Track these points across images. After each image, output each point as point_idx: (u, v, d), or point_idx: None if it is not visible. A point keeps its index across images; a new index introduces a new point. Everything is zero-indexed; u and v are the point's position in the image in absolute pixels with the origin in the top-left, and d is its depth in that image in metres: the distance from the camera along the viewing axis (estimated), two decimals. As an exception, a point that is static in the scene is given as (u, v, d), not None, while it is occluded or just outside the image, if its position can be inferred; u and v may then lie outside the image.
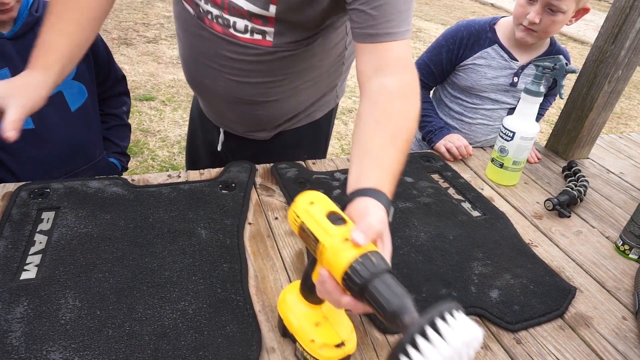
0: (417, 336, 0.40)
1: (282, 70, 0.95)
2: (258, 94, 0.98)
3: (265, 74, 0.94)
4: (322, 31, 0.91)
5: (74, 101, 1.06)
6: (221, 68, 0.94)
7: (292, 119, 1.08)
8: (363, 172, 0.61)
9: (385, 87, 0.71)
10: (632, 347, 0.71)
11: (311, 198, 0.54)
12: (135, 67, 3.49)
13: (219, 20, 0.87)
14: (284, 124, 1.09)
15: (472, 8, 7.98)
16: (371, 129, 0.67)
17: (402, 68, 0.74)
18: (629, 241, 0.91)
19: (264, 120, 1.06)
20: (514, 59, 1.26)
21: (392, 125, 0.67)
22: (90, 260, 0.72)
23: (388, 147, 0.64)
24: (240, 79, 0.94)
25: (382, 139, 0.65)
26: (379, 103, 0.69)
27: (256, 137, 1.11)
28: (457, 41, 1.28)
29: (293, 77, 0.97)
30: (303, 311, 0.59)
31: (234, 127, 1.11)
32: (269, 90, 0.97)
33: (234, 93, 0.98)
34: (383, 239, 0.53)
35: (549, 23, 1.15)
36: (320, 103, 1.10)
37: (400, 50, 0.75)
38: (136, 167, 2.41)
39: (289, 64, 0.94)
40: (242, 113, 1.04)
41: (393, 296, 0.44)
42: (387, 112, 0.68)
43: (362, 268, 0.45)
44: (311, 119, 1.11)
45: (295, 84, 0.99)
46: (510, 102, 1.30)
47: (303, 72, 0.98)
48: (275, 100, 1.01)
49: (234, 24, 0.86)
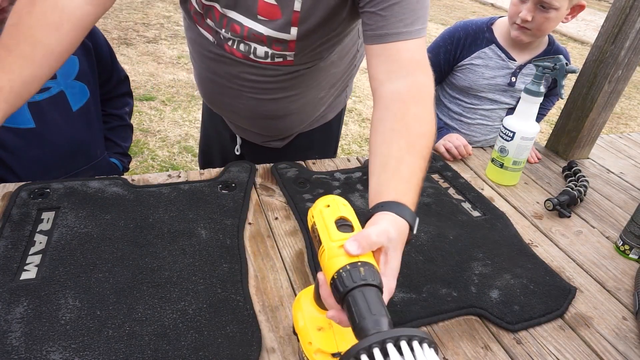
0: (362, 354, 0.38)
1: (302, 84, 0.95)
2: (279, 109, 0.98)
3: (286, 90, 0.94)
4: (339, 42, 0.91)
5: (75, 101, 1.06)
6: (241, 88, 0.93)
7: (307, 124, 1.09)
8: (383, 186, 0.59)
9: (398, 92, 0.68)
10: (632, 348, 0.71)
11: (329, 201, 0.54)
12: (135, 67, 3.49)
13: (239, 47, 0.86)
14: (299, 130, 1.09)
15: (472, 8, 7.97)
16: (387, 139, 0.64)
17: (414, 69, 0.71)
18: (629, 241, 0.91)
19: (282, 130, 1.07)
20: (512, 58, 1.26)
21: (408, 133, 0.64)
22: (90, 261, 0.72)
23: (406, 156, 0.62)
24: (261, 97, 0.94)
25: (400, 148, 0.62)
26: (392, 110, 0.67)
27: (272, 145, 1.11)
28: (454, 41, 1.28)
29: (312, 88, 0.97)
30: (311, 314, 0.59)
31: (250, 137, 1.11)
32: (289, 104, 0.98)
33: (254, 109, 0.97)
34: (387, 254, 0.50)
35: (542, 20, 1.15)
36: (332, 105, 1.11)
37: (413, 51, 0.72)
38: (136, 167, 2.41)
39: (309, 77, 0.94)
40: (262, 126, 1.05)
41: (367, 312, 0.42)
42: (402, 120, 0.66)
43: (347, 276, 0.45)
44: (324, 121, 1.12)
45: (314, 94, 0.99)
46: (508, 102, 1.30)
47: (322, 82, 0.98)
48: (295, 112, 1.01)
49: (254, 50, 0.86)
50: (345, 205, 0.54)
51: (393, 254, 0.51)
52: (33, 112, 0.99)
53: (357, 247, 0.47)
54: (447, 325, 0.70)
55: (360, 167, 1.08)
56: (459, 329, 0.70)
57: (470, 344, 0.68)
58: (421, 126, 0.66)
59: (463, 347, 0.67)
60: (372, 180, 0.62)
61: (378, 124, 0.67)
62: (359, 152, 2.90)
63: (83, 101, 1.08)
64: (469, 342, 0.68)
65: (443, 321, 0.71)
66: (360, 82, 3.88)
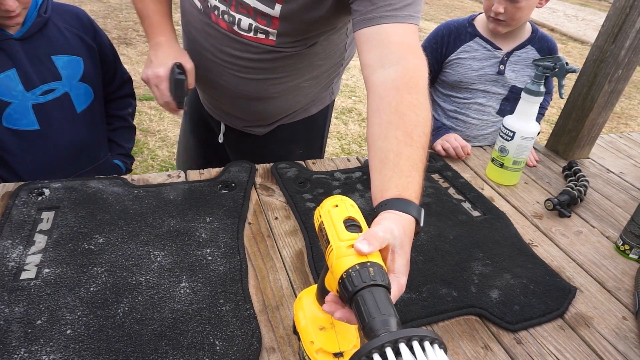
0: (374, 353, 0.38)
1: (284, 69, 0.95)
2: (260, 90, 0.99)
3: (267, 72, 0.95)
4: (324, 33, 0.92)
5: (80, 103, 1.06)
6: (224, 64, 0.95)
7: (289, 115, 1.10)
8: (384, 182, 0.58)
9: (392, 79, 0.67)
10: (632, 347, 0.71)
11: (337, 201, 0.53)
12: (135, 67, 3.49)
13: (224, 17, 0.88)
14: (281, 119, 1.10)
15: (472, 8, 7.97)
16: (384, 131, 0.63)
17: (405, 53, 0.69)
18: (629, 241, 0.91)
19: (263, 115, 1.07)
20: (498, 48, 1.28)
21: (404, 122, 0.63)
22: (90, 260, 0.72)
23: (405, 147, 0.60)
24: (242, 75, 0.96)
25: (398, 140, 0.61)
26: (387, 99, 0.66)
27: (253, 131, 1.12)
28: (438, 40, 1.32)
29: (294, 75, 0.98)
30: (312, 313, 0.59)
31: (233, 122, 1.12)
32: (270, 87, 0.98)
33: (236, 88, 0.99)
34: (394, 252, 0.50)
35: (513, 11, 1.19)
36: (316, 99, 1.11)
37: (403, 35, 0.71)
38: (136, 167, 2.41)
39: (290, 62, 0.94)
40: (242, 108, 1.05)
41: (376, 312, 0.42)
42: (397, 110, 0.64)
43: (357, 276, 0.45)
44: (307, 114, 1.12)
45: (296, 82, 1.00)
46: (500, 92, 1.32)
47: (304, 70, 0.99)
48: (276, 97, 1.02)
49: (238, 21, 0.87)
50: (353, 205, 0.54)
51: (400, 251, 0.51)
52: (37, 114, 0.99)
53: (368, 245, 0.46)
54: (447, 325, 0.70)
55: (360, 167, 1.08)
56: (459, 329, 0.70)
57: (470, 344, 0.68)
58: (417, 114, 0.64)
59: (463, 347, 0.67)
60: (373, 177, 0.61)
61: (373, 116, 0.66)
62: (359, 152, 2.90)
63: (87, 103, 1.08)
64: (469, 342, 0.68)
65: (443, 321, 0.71)
66: (361, 82, 3.88)
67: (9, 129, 0.98)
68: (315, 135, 1.20)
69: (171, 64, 0.91)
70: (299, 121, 1.12)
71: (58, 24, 1.01)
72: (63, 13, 1.03)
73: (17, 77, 0.95)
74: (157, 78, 0.92)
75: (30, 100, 0.98)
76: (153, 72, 0.92)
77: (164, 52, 0.93)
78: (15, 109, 0.97)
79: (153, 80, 0.92)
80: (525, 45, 1.28)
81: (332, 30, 0.93)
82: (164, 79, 0.92)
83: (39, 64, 0.97)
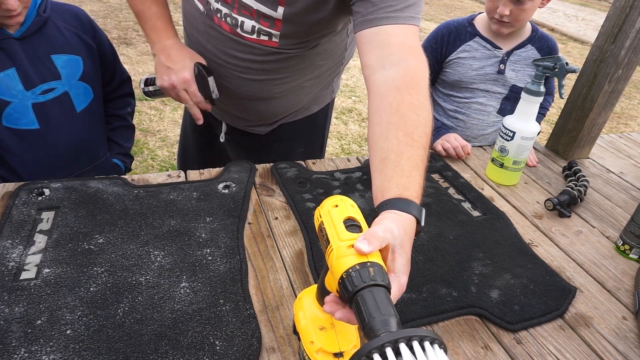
0: (375, 353, 0.38)
1: (286, 69, 0.96)
2: (262, 90, 0.99)
3: (270, 72, 0.95)
4: (326, 35, 0.92)
5: (79, 102, 1.06)
6: (227, 65, 0.95)
7: (291, 114, 1.10)
8: (385, 182, 0.59)
9: (392, 80, 0.67)
10: (632, 347, 0.71)
11: (338, 201, 0.53)
12: (135, 67, 3.49)
13: (227, 20, 0.88)
14: (283, 119, 1.10)
15: (472, 8, 7.97)
16: (385, 131, 0.63)
17: (406, 54, 0.70)
18: (629, 241, 0.91)
19: (265, 114, 1.08)
20: (497, 47, 1.28)
21: (405, 123, 0.63)
22: (89, 260, 0.72)
23: (406, 148, 0.61)
24: (245, 76, 0.96)
25: (398, 140, 0.61)
26: (388, 100, 0.66)
27: (255, 131, 1.12)
28: (438, 40, 1.32)
29: (296, 75, 0.99)
30: (312, 313, 0.59)
31: (235, 122, 1.12)
32: (273, 87, 0.99)
33: (239, 89, 0.99)
34: (394, 251, 0.50)
35: (518, 13, 1.19)
36: (317, 98, 1.12)
37: (403, 36, 0.71)
38: (136, 166, 2.41)
39: (293, 63, 0.95)
40: (245, 108, 1.06)
41: (376, 312, 0.42)
42: (398, 110, 0.64)
43: (357, 276, 0.45)
44: (308, 113, 1.13)
45: (298, 81, 1.00)
46: (500, 92, 1.32)
47: (306, 71, 0.99)
48: (279, 97, 1.02)
49: (241, 24, 0.87)
50: (353, 206, 0.54)
51: (400, 250, 0.51)
52: (37, 113, 0.99)
53: (368, 245, 0.46)
54: (447, 325, 0.70)
55: (361, 167, 1.08)
56: (459, 329, 0.70)
57: (470, 343, 0.68)
58: (418, 115, 0.64)
59: (463, 347, 0.67)
60: (374, 177, 0.61)
61: (374, 116, 0.66)
62: (359, 152, 2.90)
63: (87, 102, 1.08)
64: (469, 342, 0.68)
65: (443, 321, 0.71)
66: (361, 82, 3.88)
67: (8, 128, 0.98)
68: (317, 134, 1.21)
69: (192, 66, 0.92)
70: (300, 120, 1.12)
71: (57, 23, 1.01)
72: (62, 12, 1.03)
73: (17, 76, 0.95)
74: (185, 82, 0.92)
75: (30, 99, 0.98)
76: (179, 77, 0.92)
77: (177, 56, 0.93)
78: (15, 108, 0.97)
79: (181, 85, 0.92)
80: (525, 44, 1.28)
81: (334, 32, 0.94)
82: (192, 82, 0.92)
83: (39, 63, 0.97)
